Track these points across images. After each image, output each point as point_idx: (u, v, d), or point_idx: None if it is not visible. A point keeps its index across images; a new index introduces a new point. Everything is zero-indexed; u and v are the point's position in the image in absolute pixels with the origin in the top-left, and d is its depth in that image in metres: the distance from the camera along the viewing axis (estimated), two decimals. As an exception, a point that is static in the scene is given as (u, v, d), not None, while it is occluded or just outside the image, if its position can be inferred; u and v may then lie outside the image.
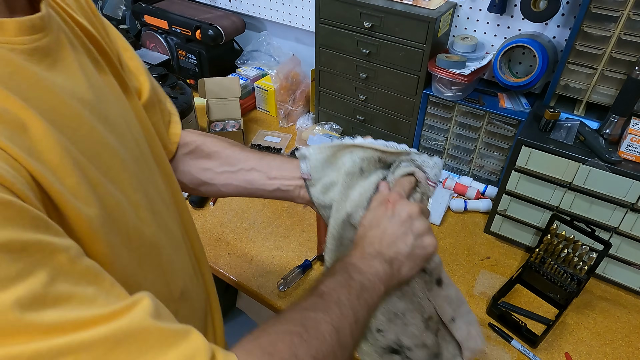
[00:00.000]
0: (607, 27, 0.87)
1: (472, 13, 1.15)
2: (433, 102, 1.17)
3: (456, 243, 1.06)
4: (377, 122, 1.31)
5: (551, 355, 0.83)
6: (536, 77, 1.03)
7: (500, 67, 1.08)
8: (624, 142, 0.84)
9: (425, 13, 1.05)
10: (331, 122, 1.39)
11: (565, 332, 0.88)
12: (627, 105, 0.88)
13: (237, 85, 1.31)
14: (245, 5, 1.59)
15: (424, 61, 1.10)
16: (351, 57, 1.22)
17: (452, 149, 1.23)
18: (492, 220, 1.05)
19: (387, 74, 1.19)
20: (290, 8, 1.49)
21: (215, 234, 1.06)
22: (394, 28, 1.10)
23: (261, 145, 1.36)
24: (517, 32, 1.11)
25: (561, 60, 0.95)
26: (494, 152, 1.15)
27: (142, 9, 1.58)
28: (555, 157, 0.88)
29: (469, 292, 0.95)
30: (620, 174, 0.83)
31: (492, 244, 1.07)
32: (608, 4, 0.85)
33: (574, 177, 0.88)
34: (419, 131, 1.24)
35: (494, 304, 0.89)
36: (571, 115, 0.99)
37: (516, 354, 0.84)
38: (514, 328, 0.87)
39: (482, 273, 0.99)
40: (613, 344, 0.86)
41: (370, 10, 1.11)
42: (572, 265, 0.90)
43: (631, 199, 0.84)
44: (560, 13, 1.04)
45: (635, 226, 0.87)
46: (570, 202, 0.92)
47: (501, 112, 1.08)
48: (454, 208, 1.15)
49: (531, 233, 1.02)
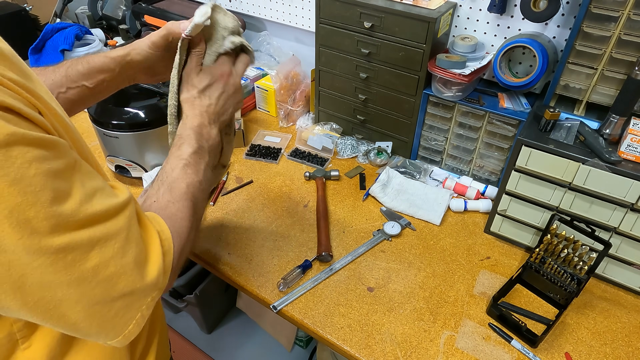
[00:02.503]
0: (607, 27, 0.87)
1: (472, 13, 1.15)
2: (433, 102, 1.17)
3: (456, 243, 1.06)
4: (377, 122, 1.31)
5: (551, 355, 0.84)
6: (536, 77, 1.03)
7: (500, 67, 1.08)
8: (624, 142, 0.84)
9: (425, 13, 1.05)
10: (331, 122, 1.39)
11: (565, 332, 0.88)
12: (627, 105, 0.88)
13: (237, 85, 1.31)
14: (245, 5, 1.59)
15: (424, 61, 1.10)
16: (351, 57, 1.22)
17: (452, 149, 1.23)
18: (492, 220, 1.05)
19: (387, 74, 1.19)
20: (290, 8, 1.49)
21: (215, 234, 1.06)
22: (394, 28, 1.10)
23: (261, 146, 1.36)
24: (517, 32, 1.11)
25: (561, 60, 0.95)
26: (494, 152, 1.15)
27: (142, 9, 1.58)
28: (555, 157, 0.88)
29: (469, 292, 0.95)
30: (620, 174, 0.83)
31: (492, 244, 1.07)
32: (608, 4, 0.85)
33: (574, 177, 0.88)
34: (419, 131, 1.24)
35: (494, 304, 0.89)
36: (571, 115, 0.99)
37: (516, 354, 0.84)
38: (514, 328, 0.87)
39: (482, 273, 0.99)
40: (613, 344, 0.86)
41: (370, 10, 1.11)
42: (572, 265, 0.90)
43: (631, 199, 0.84)
44: (560, 13, 1.04)
45: (635, 226, 0.87)
46: (570, 202, 0.92)
47: (501, 112, 1.08)
48: (454, 208, 1.15)
49: (531, 233, 1.02)
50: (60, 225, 0.39)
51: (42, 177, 0.38)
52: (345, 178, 1.26)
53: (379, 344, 0.84)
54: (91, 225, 0.42)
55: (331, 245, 1.04)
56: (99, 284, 0.43)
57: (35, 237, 0.37)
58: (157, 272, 0.49)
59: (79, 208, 0.41)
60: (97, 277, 0.42)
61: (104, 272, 0.43)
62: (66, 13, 1.90)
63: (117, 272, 0.44)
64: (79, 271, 0.41)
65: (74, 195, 0.41)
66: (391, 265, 1.00)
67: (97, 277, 0.42)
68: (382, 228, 1.08)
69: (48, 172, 0.38)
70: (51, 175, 0.39)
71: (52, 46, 1.45)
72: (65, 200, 0.40)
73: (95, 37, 1.58)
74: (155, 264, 0.49)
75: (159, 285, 0.49)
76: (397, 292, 0.94)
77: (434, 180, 1.24)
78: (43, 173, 0.38)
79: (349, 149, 1.34)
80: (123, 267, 0.45)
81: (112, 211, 0.45)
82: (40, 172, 0.38)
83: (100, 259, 0.42)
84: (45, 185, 0.38)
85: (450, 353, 0.83)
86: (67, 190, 0.41)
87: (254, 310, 1.83)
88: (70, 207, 0.40)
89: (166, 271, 0.51)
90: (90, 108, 1.12)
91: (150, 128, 1.10)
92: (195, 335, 1.88)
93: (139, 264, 0.47)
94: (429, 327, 0.87)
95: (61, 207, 0.39)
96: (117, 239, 0.44)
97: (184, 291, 1.60)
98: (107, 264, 0.43)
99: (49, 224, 0.38)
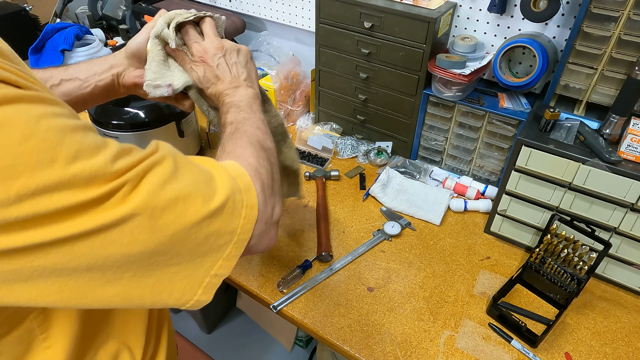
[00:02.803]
0: (607, 27, 0.87)
1: (472, 13, 1.15)
2: (433, 102, 1.17)
3: (456, 243, 1.06)
4: (377, 122, 1.31)
5: (551, 355, 0.84)
6: (536, 77, 1.03)
7: (500, 67, 1.08)
8: (624, 142, 0.84)
9: (425, 13, 1.05)
10: (331, 122, 1.39)
11: (565, 332, 0.88)
12: (627, 105, 0.88)
13: (237, 85, 1.31)
14: (245, 5, 1.59)
15: (424, 61, 1.10)
16: (351, 57, 1.22)
17: (452, 149, 1.23)
18: (492, 220, 1.05)
19: (387, 74, 1.19)
20: (290, 8, 1.49)
21: (215, 234, 1.06)
22: (394, 28, 1.10)
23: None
24: (517, 32, 1.11)
25: (561, 60, 0.95)
26: (494, 152, 1.15)
27: (142, 9, 1.58)
28: (555, 157, 0.88)
29: (469, 292, 0.95)
30: (620, 174, 0.83)
31: (492, 244, 1.07)
32: (608, 4, 0.85)
33: (574, 177, 0.88)
34: (419, 131, 1.24)
35: (494, 304, 0.89)
36: (571, 115, 0.99)
37: (516, 354, 0.84)
38: (514, 328, 0.87)
39: (482, 273, 0.99)
40: (613, 344, 0.86)
41: (370, 10, 1.11)
42: (572, 265, 0.90)
43: (631, 199, 0.84)
44: (560, 13, 1.04)
45: (635, 226, 0.87)
46: (570, 202, 0.92)
47: (501, 112, 1.08)
48: (454, 208, 1.15)
49: (531, 233, 1.02)
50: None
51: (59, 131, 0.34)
52: (345, 178, 1.26)
53: (379, 344, 0.84)
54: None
55: (331, 245, 1.04)
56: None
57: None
58: (224, 198, 0.44)
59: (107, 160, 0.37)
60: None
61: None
62: (66, 13, 1.90)
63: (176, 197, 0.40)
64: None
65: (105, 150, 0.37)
66: (391, 265, 1.00)
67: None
68: (382, 228, 1.08)
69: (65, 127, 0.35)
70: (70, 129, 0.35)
71: (52, 46, 1.45)
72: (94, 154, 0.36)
73: (95, 37, 1.58)
74: (223, 192, 0.44)
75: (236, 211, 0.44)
76: (397, 292, 0.94)
77: (434, 180, 1.24)
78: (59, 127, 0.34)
79: (349, 149, 1.34)
80: (183, 191, 0.40)
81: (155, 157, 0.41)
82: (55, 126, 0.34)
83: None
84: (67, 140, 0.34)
85: (450, 353, 0.83)
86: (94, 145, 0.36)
87: (254, 310, 1.84)
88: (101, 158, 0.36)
89: (245, 206, 0.46)
90: (90, 108, 1.12)
91: (150, 128, 1.11)
92: (195, 335, 1.88)
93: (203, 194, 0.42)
94: (429, 327, 0.87)
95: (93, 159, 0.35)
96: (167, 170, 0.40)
97: (184, 291, 1.60)
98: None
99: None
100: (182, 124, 1.16)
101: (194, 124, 1.24)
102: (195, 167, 0.44)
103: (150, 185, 0.38)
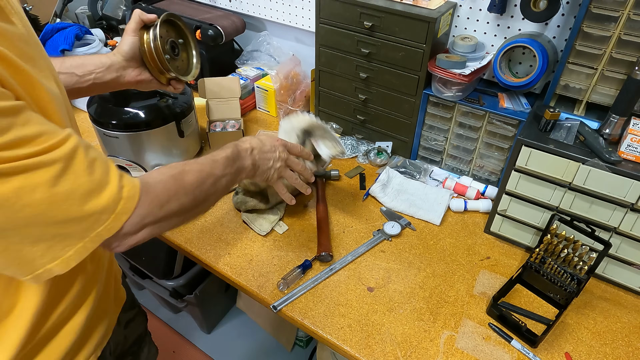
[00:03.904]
0: (607, 27, 0.87)
1: (472, 13, 1.15)
2: (433, 102, 1.17)
3: (456, 243, 1.06)
4: (377, 122, 1.31)
5: (551, 355, 0.84)
6: (536, 77, 1.03)
7: (500, 67, 1.08)
8: (624, 142, 0.84)
9: (425, 13, 1.05)
10: (331, 122, 1.39)
11: (565, 332, 0.88)
12: (627, 105, 0.88)
13: (237, 85, 1.31)
14: (245, 5, 1.59)
15: (424, 61, 1.10)
16: (351, 57, 1.22)
17: (452, 149, 1.23)
18: (492, 220, 1.05)
19: (387, 74, 1.19)
20: (290, 8, 1.49)
21: (215, 234, 1.06)
22: (394, 28, 1.10)
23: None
24: (517, 32, 1.11)
25: (561, 60, 0.95)
26: (494, 152, 1.15)
27: (142, 9, 1.58)
28: (555, 157, 0.88)
29: (469, 292, 0.95)
30: (620, 174, 0.83)
31: (492, 244, 1.07)
32: (608, 4, 0.85)
33: (574, 177, 0.88)
34: (419, 131, 1.24)
35: (494, 304, 0.89)
36: (571, 115, 0.99)
37: (516, 354, 0.84)
38: (514, 328, 0.87)
39: (482, 273, 0.99)
40: (613, 344, 0.86)
41: (370, 10, 1.11)
42: (572, 265, 0.90)
43: (631, 199, 0.84)
44: (560, 13, 1.04)
45: (635, 226, 0.87)
46: (570, 202, 0.92)
47: (501, 112, 1.08)
48: (454, 208, 1.15)
49: (531, 233, 1.02)
50: None
51: None
52: (345, 178, 1.26)
53: (379, 344, 0.84)
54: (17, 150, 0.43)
55: (331, 245, 1.04)
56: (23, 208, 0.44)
57: None
58: (100, 207, 0.50)
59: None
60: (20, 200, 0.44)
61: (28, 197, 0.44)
62: (66, 13, 1.90)
63: (45, 199, 0.45)
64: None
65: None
66: (391, 265, 1.00)
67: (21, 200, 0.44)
68: (382, 228, 1.08)
69: None
70: None
71: (52, 46, 1.45)
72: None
73: (95, 37, 1.58)
74: (103, 200, 0.50)
75: (101, 220, 0.50)
76: (397, 292, 0.94)
77: (434, 180, 1.24)
78: None
79: (349, 149, 1.34)
80: (54, 195, 0.46)
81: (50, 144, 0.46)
82: None
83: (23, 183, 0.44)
84: None
85: (450, 353, 0.83)
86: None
87: (254, 310, 1.84)
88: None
89: (118, 213, 0.52)
90: (90, 108, 1.12)
91: (150, 128, 1.10)
92: (195, 335, 1.88)
93: (77, 197, 0.48)
94: (429, 327, 0.87)
95: None
96: (49, 169, 0.46)
97: (184, 291, 1.60)
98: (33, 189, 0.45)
99: None
100: (182, 124, 1.16)
101: (194, 124, 1.24)
102: (79, 180, 0.49)
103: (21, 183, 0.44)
